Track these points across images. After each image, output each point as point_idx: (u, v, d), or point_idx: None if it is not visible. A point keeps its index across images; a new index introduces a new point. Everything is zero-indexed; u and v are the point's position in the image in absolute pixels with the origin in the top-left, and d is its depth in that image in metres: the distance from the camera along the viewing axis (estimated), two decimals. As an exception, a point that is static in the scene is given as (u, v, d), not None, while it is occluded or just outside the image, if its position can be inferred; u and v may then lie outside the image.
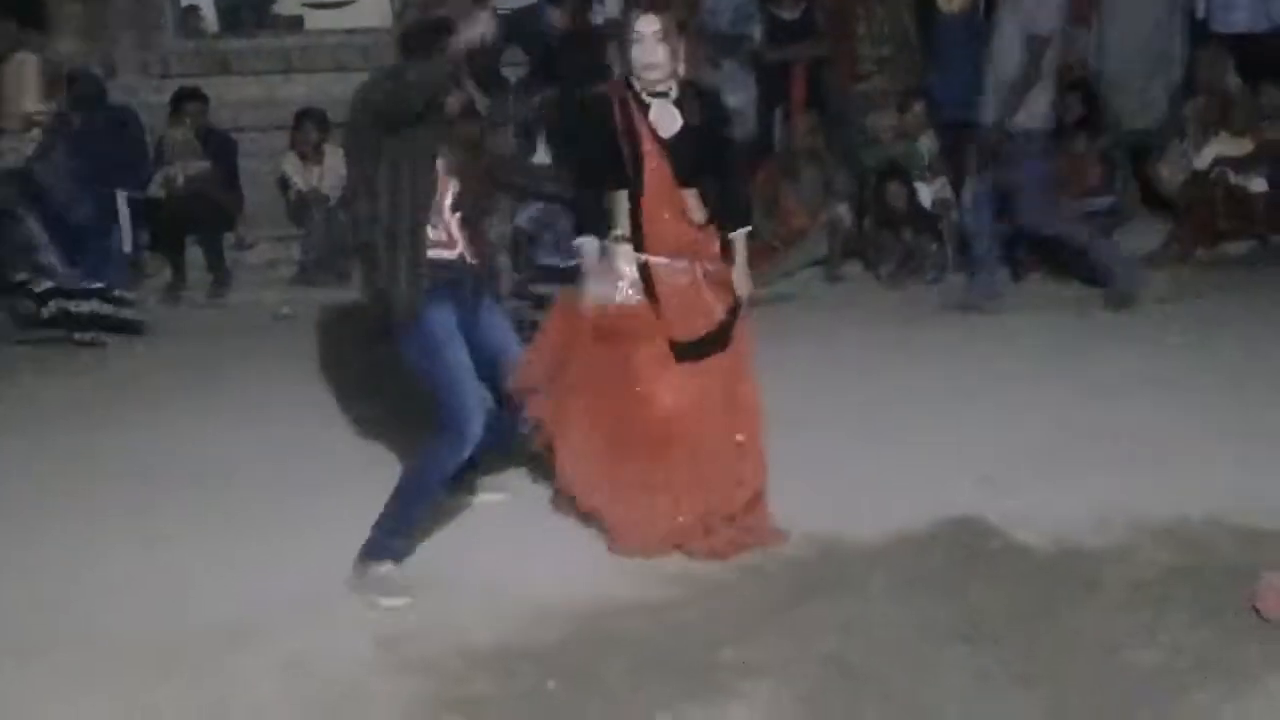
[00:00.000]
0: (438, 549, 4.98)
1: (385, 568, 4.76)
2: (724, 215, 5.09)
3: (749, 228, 5.22)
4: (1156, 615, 4.29)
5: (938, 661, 4.09)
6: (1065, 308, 8.33)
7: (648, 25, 4.91)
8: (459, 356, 4.76)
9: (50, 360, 8.10)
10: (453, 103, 4.83)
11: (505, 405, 5.06)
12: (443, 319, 4.75)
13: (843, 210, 9.42)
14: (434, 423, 4.79)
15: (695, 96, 5.06)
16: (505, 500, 5.46)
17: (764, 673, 4.06)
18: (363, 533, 4.84)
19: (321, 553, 4.99)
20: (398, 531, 4.80)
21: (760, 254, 9.33)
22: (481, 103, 5.32)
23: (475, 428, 4.72)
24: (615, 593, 4.61)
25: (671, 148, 4.96)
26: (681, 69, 5.01)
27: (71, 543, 5.25)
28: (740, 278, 5.11)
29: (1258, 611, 4.21)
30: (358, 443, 6.21)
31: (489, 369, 4.94)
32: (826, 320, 8.43)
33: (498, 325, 5.07)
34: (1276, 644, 4.07)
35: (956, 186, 9.44)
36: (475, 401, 4.75)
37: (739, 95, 9.88)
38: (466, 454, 4.81)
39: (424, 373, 4.78)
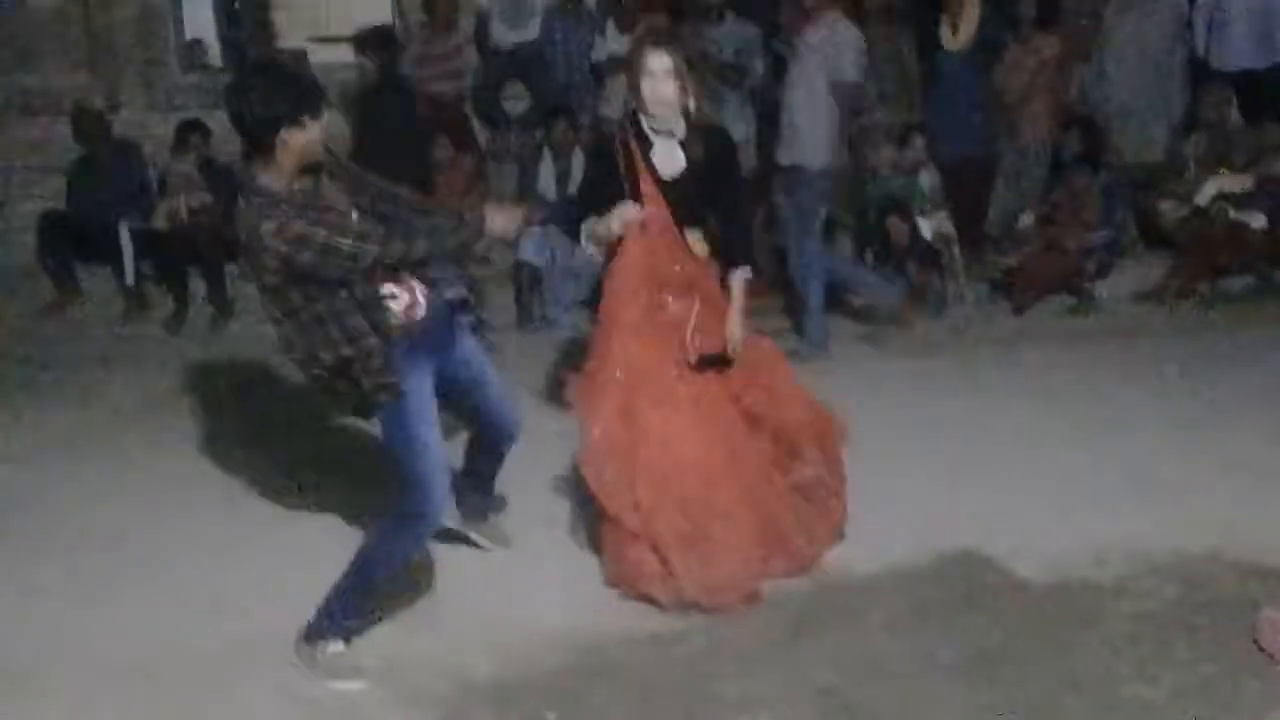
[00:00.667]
0: (439, 579, 4.98)
1: (336, 647, 4.43)
2: (724, 256, 5.06)
3: (748, 272, 5.10)
4: (1156, 650, 4.29)
5: (936, 696, 4.08)
6: (1065, 342, 8.33)
7: (659, 61, 4.83)
8: (431, 433, 4.43)
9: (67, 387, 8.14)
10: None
11: (483, 448, 5.04)
12: (418, 384, 4.43)
13: (844, 245, 9.42)
14: (396, 500, 4.48)
15: (701, 135, 4.99)
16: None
17: (762, 706, 4.06)
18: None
19: (320, 580, 4.98)
20: (353, 611, 4.46)
21: (763, 288, 9.39)
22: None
23: (440, 508, 4.45)
24: (614, 624, 4.62)
25: (671, 189, 4.94)
26: (692, 105, 4.94)
27: (69, 568, 5.26)
28: (733, 324, 5.02)
29: (1259, 646, 4.20)
30: (362, 469, 6.19)
31: (468, 399, 4.88)
32: (825, 353, 8.42)
33: (472, 357, 4.84)
34: (1277, 679, 4.06)
35: (958, 220, 9.46)
36: (442, 479, 4.44)
37: (739, 128, 9.93)
38: (429, 535, 4.51)
39: (395, 444, 4.43)
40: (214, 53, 11.81)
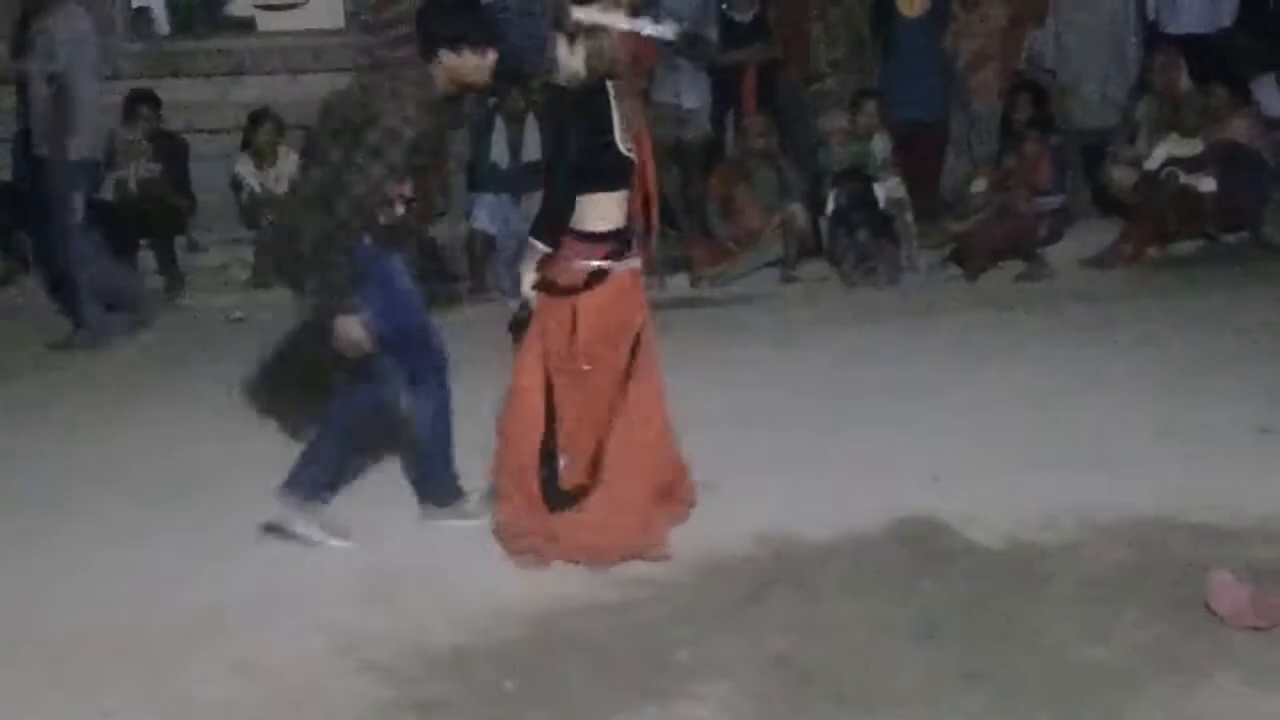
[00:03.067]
0: (393, 550, 4.97)
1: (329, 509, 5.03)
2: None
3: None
4: (1108, 612, 4.32)
5: (890, 660, 4.11)
6: (1017, 308, 8.39)
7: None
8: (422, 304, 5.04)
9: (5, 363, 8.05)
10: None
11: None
12: (402, 268, 4.97)
13: (797, 210, 9.44)
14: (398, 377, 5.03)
15: None
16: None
17: (718, 673, 4.07)
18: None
19: (276, 553, 4.98)
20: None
21: (716, 254, 9.42)
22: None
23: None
24: (572, 594, 4.62)
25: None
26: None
27: (26, 543, 5.22)
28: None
29: (1209, 608, 4.25)
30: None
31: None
32: (781, 321, 8.46)
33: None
34: (1227, 640, 4.10)
35: (911, 186, 9.50)
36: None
37: (695, 97, 9.93)
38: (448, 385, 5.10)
39: (394, 322, 4.89)
40: (161, 21, 11.67)
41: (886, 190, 9.37)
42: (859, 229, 9.19)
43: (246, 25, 11.90)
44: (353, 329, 4.80)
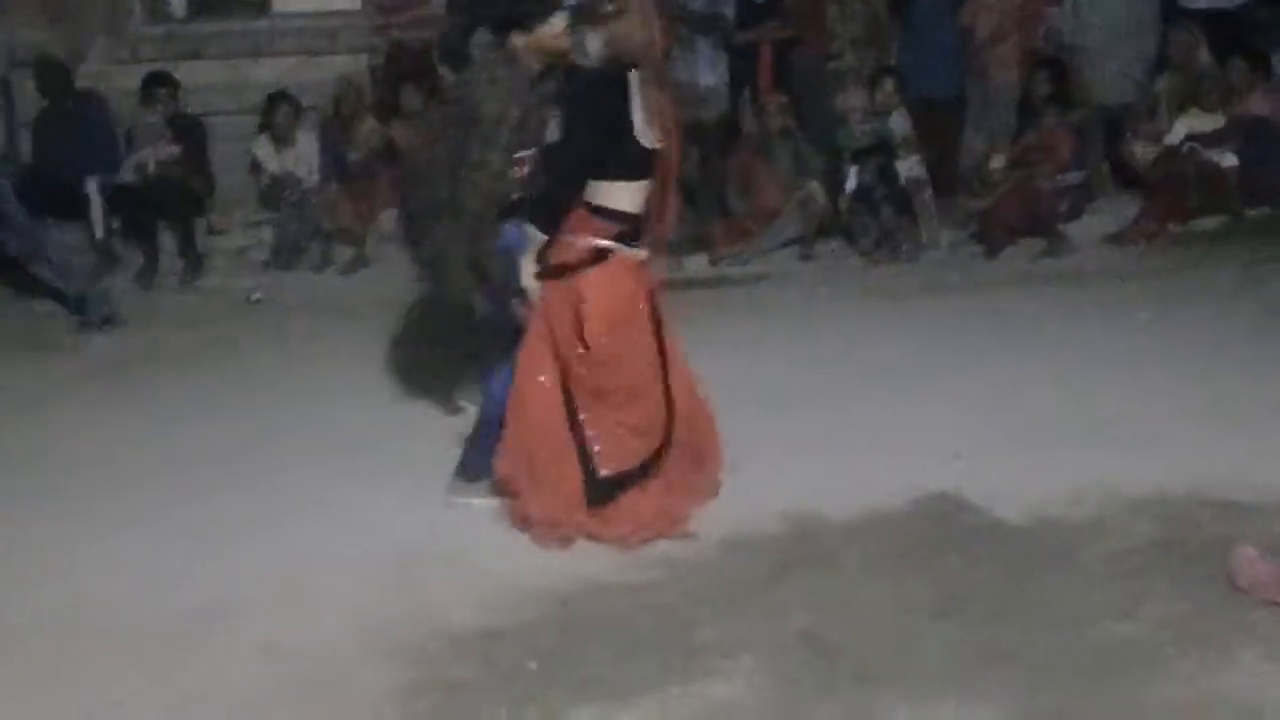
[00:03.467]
0: (416, 532, 4.98)
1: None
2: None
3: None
4: (1133, 588, 4.32)
5: (915, 637, 4.11)
6: (1038, 285, 8.36)
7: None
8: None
9: (24, 344, 8.06)
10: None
11: None
12: None
13: (815, 189, 9.41)
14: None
15: None
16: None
17: (742, 651, 4.07)
18: (337, 516, 4.99)
19: (298, 537, 5.00)
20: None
21: (735, 233, 9.40)
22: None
23: None
24: (595, 574, 4.62)
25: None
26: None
27: (46, 528, 5.24)
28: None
29: (1233, 583, 4.24)
30: (332, 425, 6.19)
31: None
32: (801, 298, 8.44)
33: None
34: (1251, 615, 4.10)
35: (930, 164, 9.46)
36: None
37: (713, 75, 9.89)
38: None
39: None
40: (178, 3, 11.68)
41: (906, 168, 9.34)
42: (882, 206, 9.16)
43: (263, 7, 11.90)
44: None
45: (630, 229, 4.82)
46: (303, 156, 9.75)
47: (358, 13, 10.73)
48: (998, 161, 9.45)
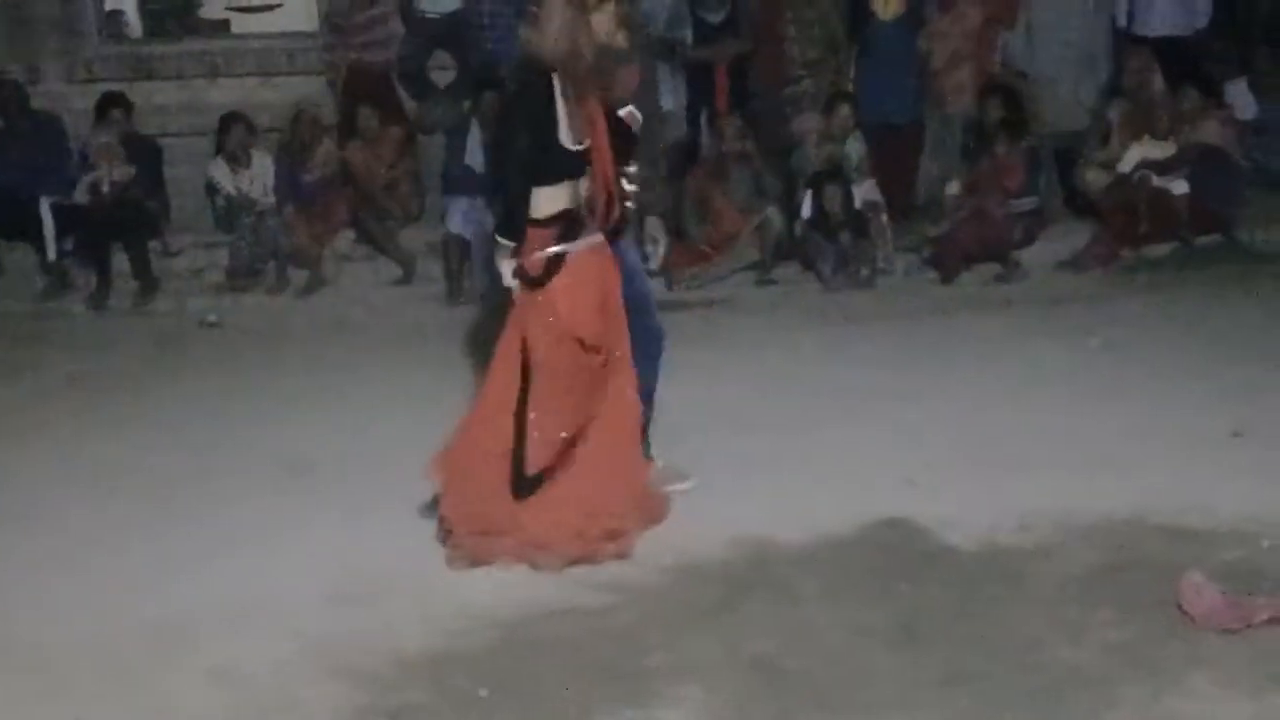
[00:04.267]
0: (367, 557, 4.96)
1: (658, 463, 5.34)
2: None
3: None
4: (1083, 613, 4.34)
5: (867, 663, 4.11)
6: (992, 310, 8.41)
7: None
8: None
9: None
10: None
11: None
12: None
13: (773, 213, 9.43)
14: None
15: None
16: (692, 487, 5.42)
17: (695, 677, 4.07)
18: (288, 540, 4.97)
19: (248, 561, 4.97)
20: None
21: (692, 257, 9.41)
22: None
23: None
24: (546, 598, 4.61)
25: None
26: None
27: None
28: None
29: (1181, 609, 4.26)
30: (285, 449, 6.15)
31: None
32: (757, 324, 8.46)
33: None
34: (1200, 641, 4.12)
35: (886, 189, 9.51)
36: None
37: (671, 100, 9.92)
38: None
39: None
40: (135, 23, 11.64)
41: (862, 192, 9.38)
42: (840, 231, 9.18)
43: (220, 27, 11.90)
44: None
45: (569, 225, 4.94)
46: (258, 178, 9.71)
47: (316, 34, 10.71)
48: (953, 187, 9.51)
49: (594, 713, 3.90)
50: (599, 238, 5.02)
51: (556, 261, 4.89)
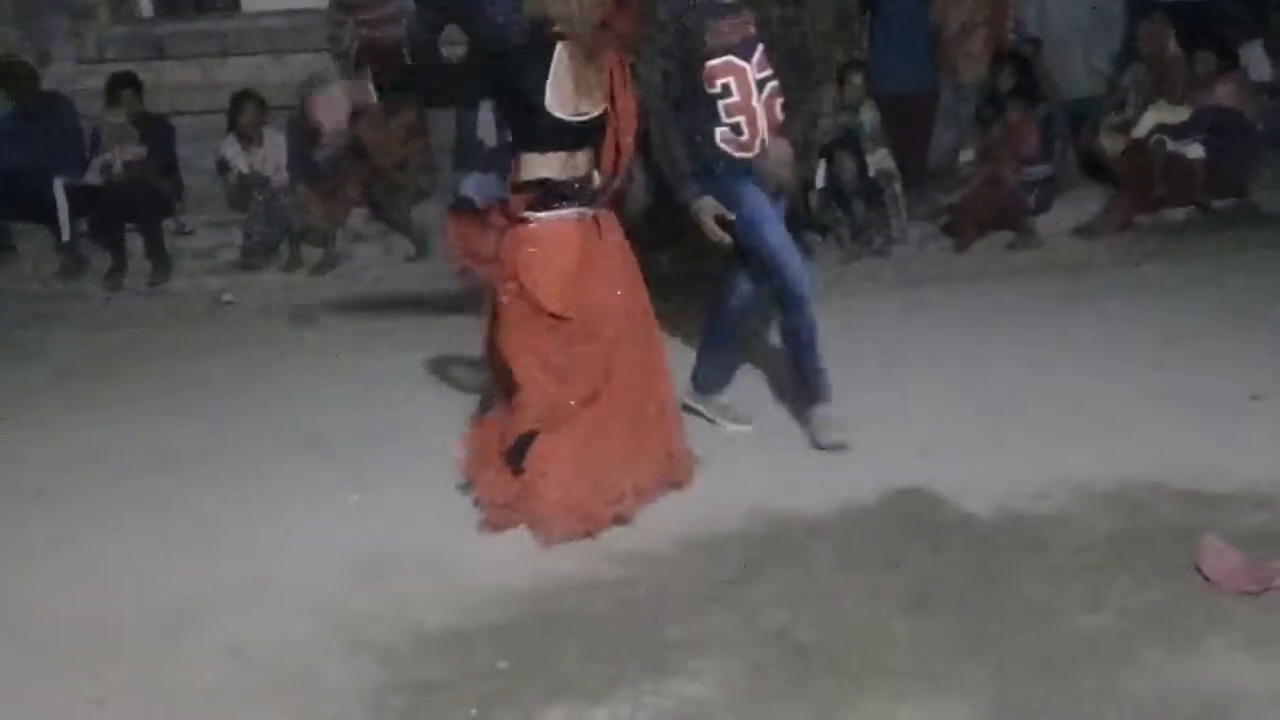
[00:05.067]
0: (384, 533, 4.97)
1: (722, 398, 5.80)
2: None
3: None
4: (1101, 579, 4.34)
5: (885, 632, 4.12)
6: (1007, 278, 8.37)
7: None
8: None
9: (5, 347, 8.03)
10: None
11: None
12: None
13: (787, 183, 9.37)
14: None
15: None
16: (751, 430, 5.77)
17: (713, 648, 4.08)
18: (305, 517, 4.99)
19: (266, 537, 4.99)
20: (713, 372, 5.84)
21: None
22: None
23: (800, 276, 5.51)
24: (564, 572, 4.62)
25: None
26: None
27: (13, 532, 5.21)
28: None
29: (1200, 573, 4.26)
30: (301, 427, 6.16)
31: None
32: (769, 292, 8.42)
33: None
34: (1219, 605, 4.12)
35: (899, 157, 9.47)
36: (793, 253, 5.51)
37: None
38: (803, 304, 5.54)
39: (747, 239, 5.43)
40: (145, 3, 11.61)
41: (875, 162, 9.33)
42: (854, 199, 9.15)
43: (230, 6, 11.85)
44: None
45: (552, 193, 4.90)
46: (270, 156, 9.70)
47: (325, 12, 10.67)
48: (967, 155, 9.46)
49: (614, 685, 3.92)
50: (587, 210, 4.96)
51: (524, 224, 4.89)
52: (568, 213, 4.91)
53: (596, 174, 4.99)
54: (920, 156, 9.87)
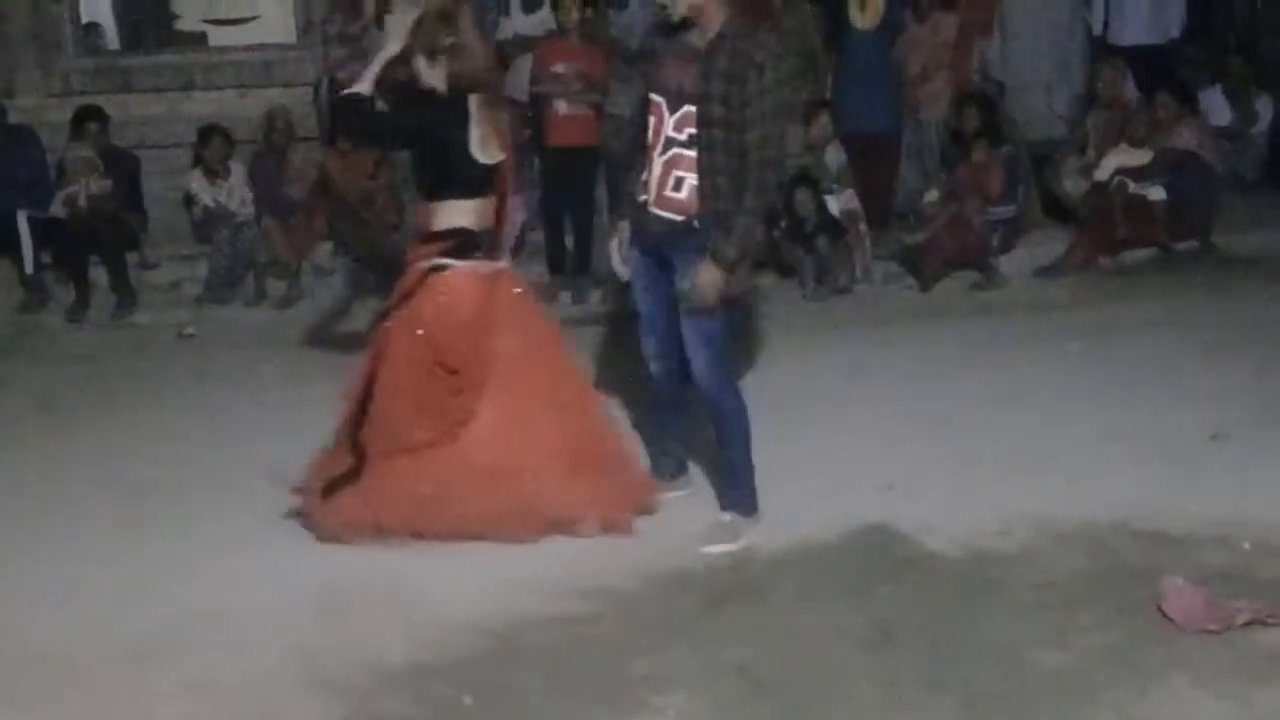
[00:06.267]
0: (346, 568, 4.94)
1: (723, 517, 5.16)
2: None
3: None
4: (1063, 618, 4.36)
5: (848, 669, 4.12)
6: (971, 317, 8.43)
7: None
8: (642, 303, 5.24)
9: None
10: None
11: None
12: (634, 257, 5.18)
13: (751, 223, 9.39)
14: None
15: None
16: (688, 495, 5.49)
17: (676, 684, 4.07)
18: (270, 549, 4.97)
19: (226, 572, 4.95)
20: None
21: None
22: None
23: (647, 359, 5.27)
24: (527, 607, 4.60)
25: None
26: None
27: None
28: None
29: (1162, 612, 4.28)
30: (264, 461, 6.11)
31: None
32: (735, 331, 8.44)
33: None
34: (1180, 644, 4.14)
35: (864, 198, 9.52)
36: (646, 339, 5.26)
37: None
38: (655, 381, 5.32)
39: None
40: (111, 36, 11.60)
41: (840, 201, 9.39)
42: (817, 237, 9.18)
43: (197, 40, 11.86)
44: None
45: (462, 243, 5.05)
46: (236, 190, 9.68)
47: (293, 46, 10.69)
48: (931, 195, 9.54)
49: (576, 721, 3.90)
50: (499, 265, 5.17)
51: (438, 271, 5.02)
52: (481, 265, 5.08)
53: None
54: (885, 196, 9.94)
